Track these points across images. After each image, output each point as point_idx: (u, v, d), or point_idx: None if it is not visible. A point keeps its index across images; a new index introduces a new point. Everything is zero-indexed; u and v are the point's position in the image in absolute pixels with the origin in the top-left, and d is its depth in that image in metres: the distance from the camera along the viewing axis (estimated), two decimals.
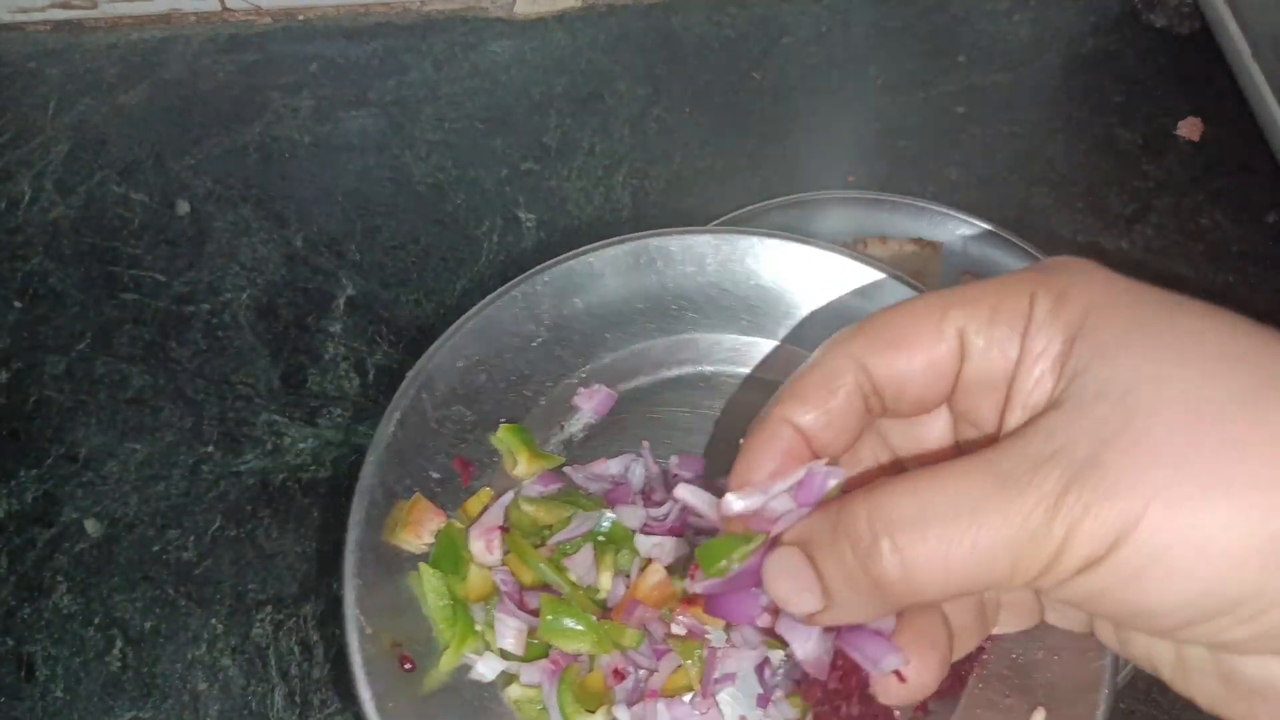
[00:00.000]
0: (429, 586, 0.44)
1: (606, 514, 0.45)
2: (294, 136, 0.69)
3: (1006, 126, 0.73)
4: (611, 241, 0.51)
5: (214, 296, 0.63)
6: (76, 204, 0.65)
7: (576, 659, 0.44)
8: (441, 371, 0.49)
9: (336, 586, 0.45)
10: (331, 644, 0.53)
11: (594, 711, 0.42)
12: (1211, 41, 0.78)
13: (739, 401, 0.52)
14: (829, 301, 0.52)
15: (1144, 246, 0.68)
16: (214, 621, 0.53)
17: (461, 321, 0.50)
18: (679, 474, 0.49)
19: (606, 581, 0.45)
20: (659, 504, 0.47)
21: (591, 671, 0.44)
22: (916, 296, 0.29)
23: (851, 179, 0.70)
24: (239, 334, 0.61)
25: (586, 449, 0.51)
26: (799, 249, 0.52)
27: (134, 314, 0.62)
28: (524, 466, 0.48)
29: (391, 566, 0.46)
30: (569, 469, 0.49)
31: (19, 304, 0.62)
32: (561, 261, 0.51)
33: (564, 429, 0.51)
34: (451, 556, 0.45)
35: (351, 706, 0.50)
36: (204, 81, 0.71)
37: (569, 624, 0.43)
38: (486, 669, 0.44)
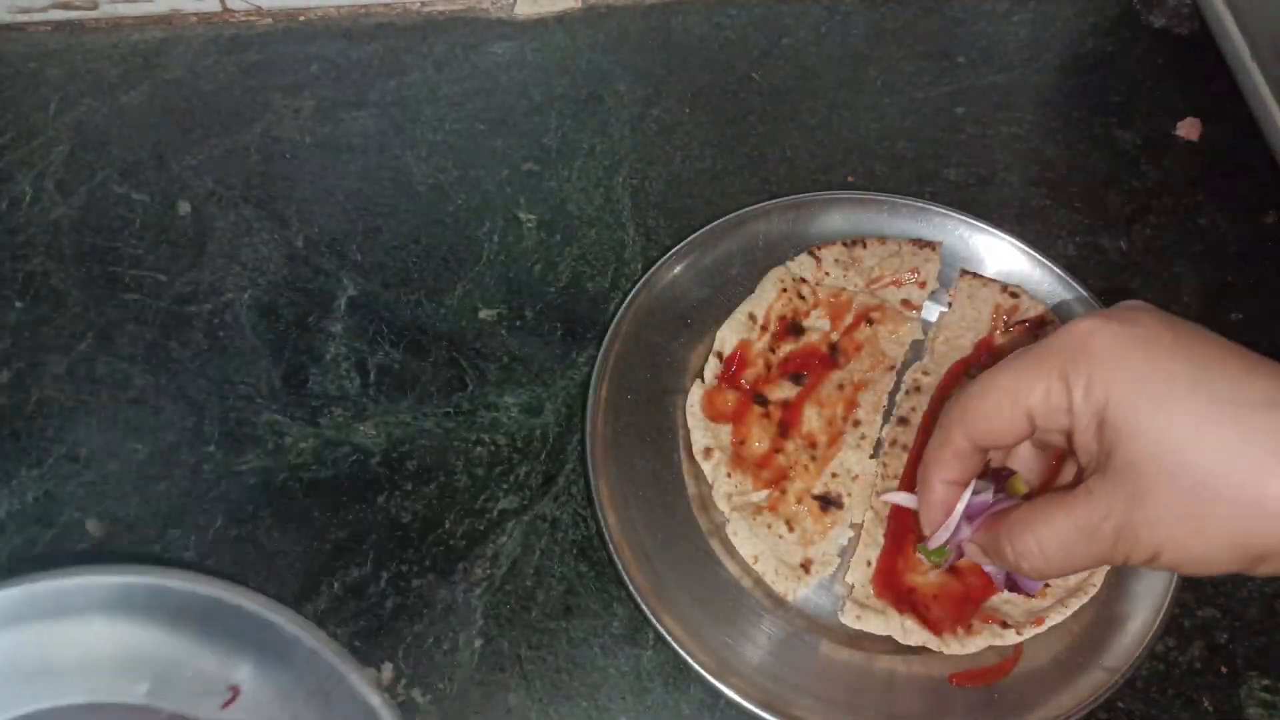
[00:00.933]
0: None
1: None
2: (295, 137, 0.69)
3: (1005, 127, 0.73)
4: None
5: (215, 296, 0.63)
6: (78, 204, 0.65)
7: None
8: None
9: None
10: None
11: None
12: (1210, 42, 0.78)
13: None
14: None
15: (1143, 246, 0.68)
16: None
17: None
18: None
19: None
20: None
21: None
22: (993, 380, 0.44)
23: (851, 179, 0.70)
24: (240, 334, 0.62)
25: None
26: None
27: (135, 314, 0.62)
28: None
29: None
30: None
31: (20, 304, 0.62)
32: None
33: None
34: None
35: None
36: (205, 82, 0.71)
37: None
38: None
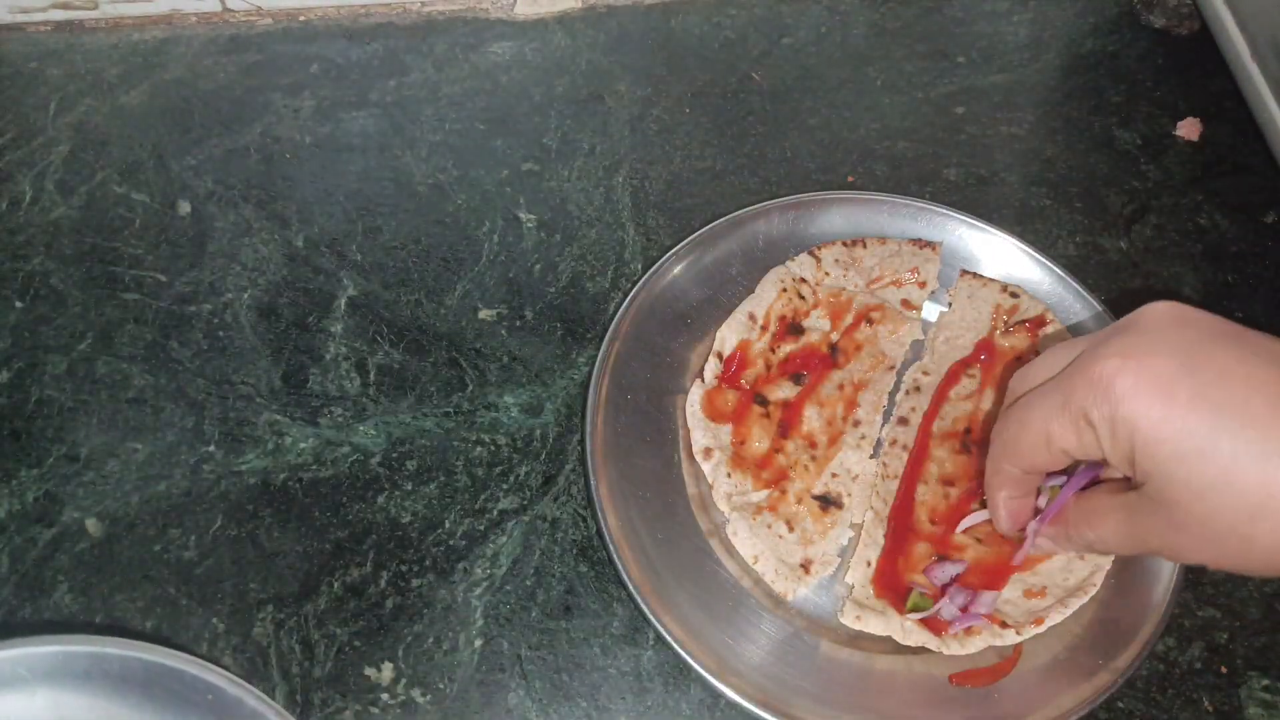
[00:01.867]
0: None
1: None
2: (295, 137, 0.69)
3: (1005, 127, 0.73)
4: None
5: (215, 296, 0.63)
6: (78, 204, 0.65)
7: None
8: None
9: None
10: (332, 642, 0.53)
11: None
12: (1210, 42, 0.78)
13: None
14: None
15: (1143, 246, 0.68)
16: (215, 621, 0.53)
17: None
18: None
19: None
20: None
21: None
22: (1029, 417, 0.46)
23: (851, 179, 0.70)
24: (240, 334, 0.62)
25: None
26: None
27: (135, 314, 0.62)
28: None
29: None
30: None
31: (20, 304, 0.62)
32: None
33: None
34: None
35: None
36: (205, 82, 0.71)
37: None
38: None
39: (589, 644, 0.54)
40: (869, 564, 0.55)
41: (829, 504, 0.57)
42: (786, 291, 0.62)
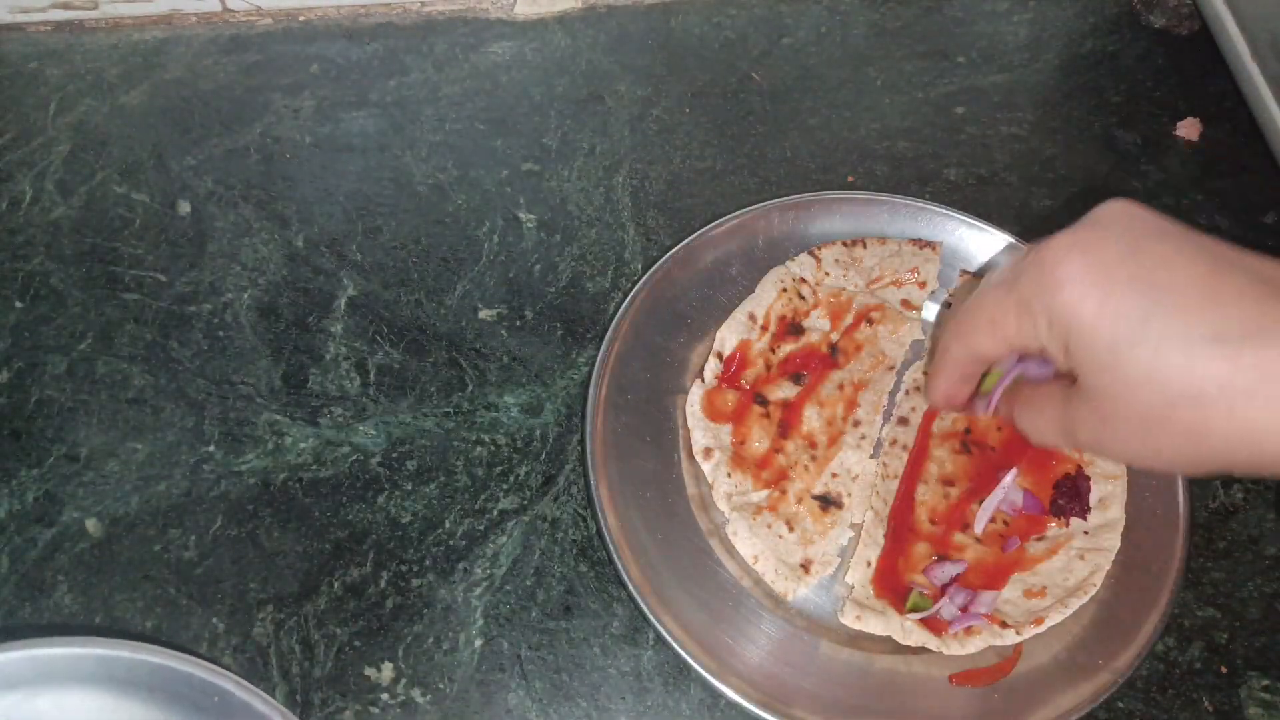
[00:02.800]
0: None
1: None
2: (295, 137, 0.69)
3: (1005, 127, 0.73)
4: None
5: (215, 296, 0.63)
6: (78, 204, 0.65)
7: None
8: None
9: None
10: (332, 642, 0.53)
11: None
12: (1210, 42, 0.78)
13: None
14: None
15: None
16: (215, 621, 0.53)
17: None
18: None
19: None
20: None
21: None
22: (978, 305, 0.45)
23: (851, 179, 0.70)
24: (240, 334, 0.62)
25: None
26: None
27: (135, 314, 0.62)
28: None
29: None
30: None
31: (20, 304, 0.62)
32: None
33: None
34: None
35: None
36: (205, 82, 0.71)
37: None
38: None
39: (589, 644, 0.54)
40: (869, 564, 0.55)
41: (829, 504, 0.57)
42: (786, 291, 0.62)
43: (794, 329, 0.61)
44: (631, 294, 0.61)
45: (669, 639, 0.51)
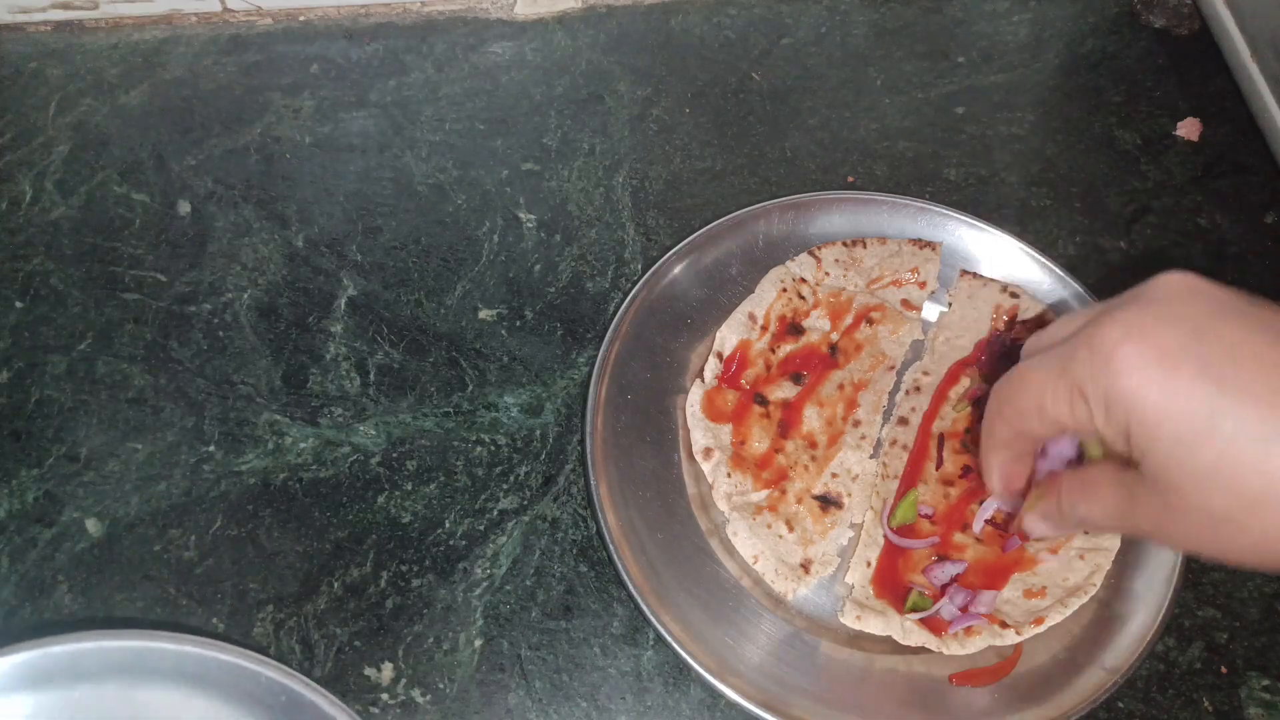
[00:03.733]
0: None
1: None
2: (295, 137, 0.69)
3: (1005, 127, 0.73)
4: None
5: (215, 296, 0.63)
6: (78, 204, 0.65)
7: None
8: None
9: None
10: (332, 642, 0.53)
11: None
12: (1210, 42, 0.78)
13: None
14: None
15: (1143, 246, 0.68)
16: (215, 620, 0.53)
17: None
18: None
19: None
20: None
21: None
22: (1024, 382, 0.44)
23: (851, 179, 0.70)
24: (240, 334, 0.62)
25: None
26: None
27: (135, 314, 0.62)
28: None
29: None
30: None
31: (20, 304, 0.62)
32: None
33: None
34: None
35: None
36: (205, 82, 0.71)
37: None
38: None
39: (589, 644, 0.54)
40: (869, 564, 0.55)
41: (829, 504, 0.57)
42: (786, 291, 0.62)
43: (794, 329, 0.61)
44: (631, 294, 0.61)
45: (669, 639, 0.51)
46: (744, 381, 0.59)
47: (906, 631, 0.53)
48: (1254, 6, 0.73)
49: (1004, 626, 0.52)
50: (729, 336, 0.60)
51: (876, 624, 0.53)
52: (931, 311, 0.64)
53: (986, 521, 0.55)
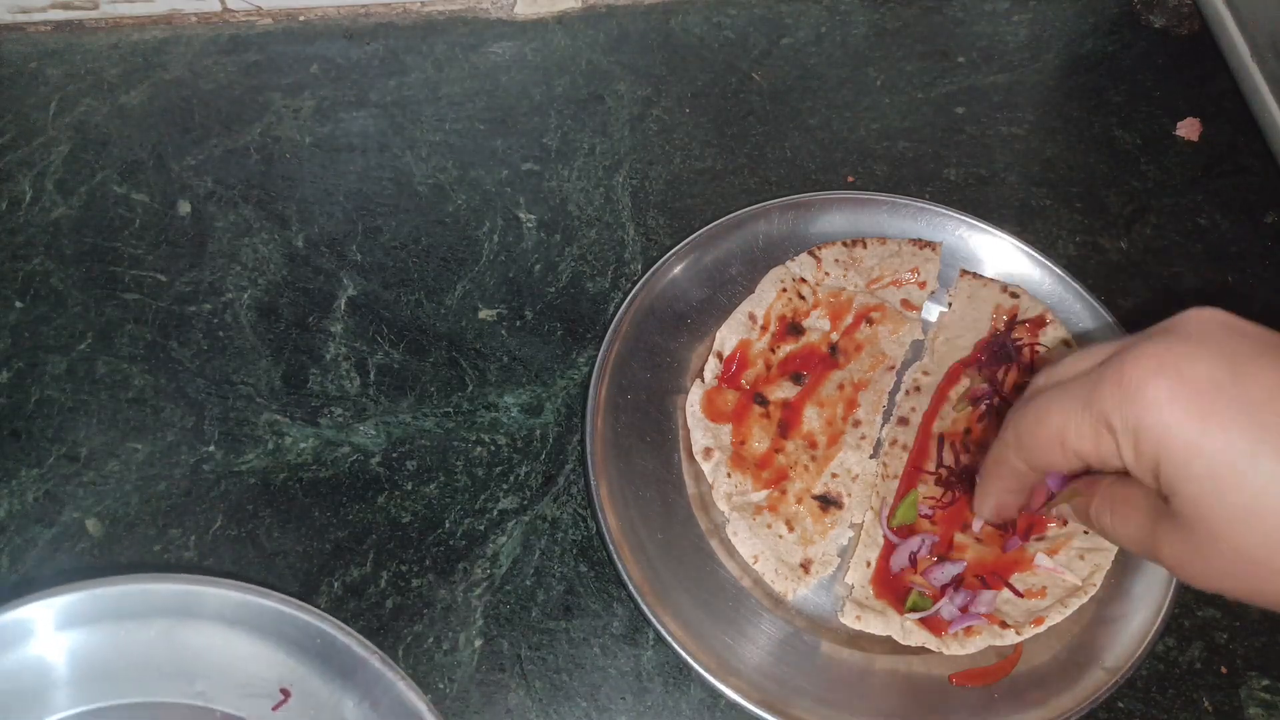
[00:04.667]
0: None
1: None
2: (295, 137, 0.69)
3: (1005, 127, 0.73)
4: None
5: (215, 296, 0.63)
6: (78, 204, 0.65)
7: None
8: None
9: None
10: None
11: None
12: (1211, 42, 0.78)
13: None
14: None
15: (1143, 247, 0.68)
16: None
17: None
18: None
19: None
20: None
21: None
22: (1046, 413, 0.42)
23: (851, 179, 0.70)
24: (240, 334, 0.62)
25: None
26: None
27: (135, 314, 0.62)
28: None
29: None
30: None
31: (20, 304, 0.62)
32: None
33: None
34: None
35: None
36: (205, 82, 0.71)
37: None
38: None
39: (589, 644, 0.54)
40: (869, 564, 0.55)
41: (829, 504, 0.57)
42: (786, 291, 0.62)
43: (794, 329, 0.62)
44: (631, 294, 0.61)
45: (669, 639, 0.51)
46: (744, 381, 0.59)
47: (906, 631, 0.53)
48: (1254, 6, 0.73)
49: (1004, 626, 0.53)
50: (729, 336, 0.60)
51: (876, 624, 0.53)
52: (931, 311, 0.64)
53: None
